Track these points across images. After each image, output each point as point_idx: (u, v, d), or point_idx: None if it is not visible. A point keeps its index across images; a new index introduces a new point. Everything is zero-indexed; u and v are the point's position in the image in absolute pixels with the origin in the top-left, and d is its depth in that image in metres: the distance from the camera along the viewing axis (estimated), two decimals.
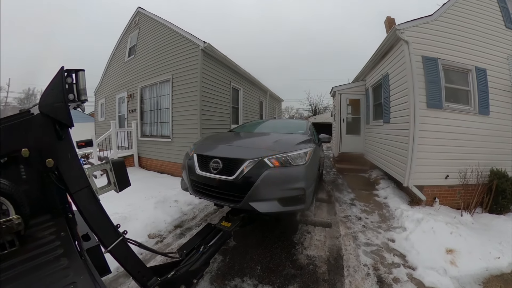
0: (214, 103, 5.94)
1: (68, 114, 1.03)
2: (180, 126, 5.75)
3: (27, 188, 0.96)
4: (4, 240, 0.82)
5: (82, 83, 1.08)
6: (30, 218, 0.92)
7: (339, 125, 7.57)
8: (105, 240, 1.11)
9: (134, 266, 1.21)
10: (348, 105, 7.66)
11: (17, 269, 0.78)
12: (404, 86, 4.02)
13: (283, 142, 2.65)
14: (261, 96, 10.47)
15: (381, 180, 5.23)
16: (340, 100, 7.59)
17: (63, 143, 1.03)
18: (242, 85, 7.78)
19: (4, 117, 0.94)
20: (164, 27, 6.25)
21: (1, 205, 0.84)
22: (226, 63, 6.45)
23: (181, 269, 1.49)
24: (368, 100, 6.64)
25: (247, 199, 2.11)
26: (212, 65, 5.76)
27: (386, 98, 4.97)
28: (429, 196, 3.88)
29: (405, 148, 3.89)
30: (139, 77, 7.03)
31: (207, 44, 5.21)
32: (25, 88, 33.03)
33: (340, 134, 7.58)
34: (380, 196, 4.40)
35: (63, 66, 1.03)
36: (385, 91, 5.01)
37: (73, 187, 1.04)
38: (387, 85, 4.93)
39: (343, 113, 7.55)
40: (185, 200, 3.84)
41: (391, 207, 3.76)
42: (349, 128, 7.54)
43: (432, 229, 2.76)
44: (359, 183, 5.46)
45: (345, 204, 4.03)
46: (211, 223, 2.27)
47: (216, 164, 2.32)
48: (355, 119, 7.53)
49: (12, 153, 0.92)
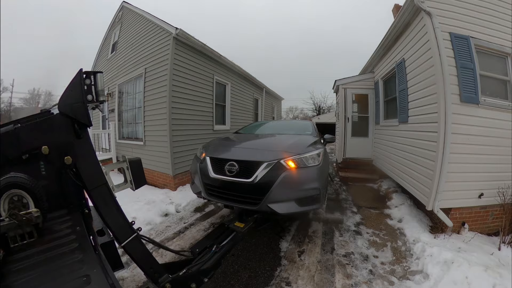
0: (191, 99, 5.07)
1: (87, 114, 1.07)
2: (151, 128, 5.02)
3: (46, 183, 1.01)
4: (24, 231, 0.87)
5: (101, 85, 1.13)
6: (48, 211, 0.97)
7: (343, 126, 6.41)
8: (120, 236, 1.14)
9: (147, 262, 1.23)
10: (354, 102, 6.49)
11: (35, 259, 0.83)
12: (429, 72, 3.07)
13: (296, 144, 2.71)
14: (255, 93, 9.27)
15: (394, 194, 4.23)
16: (344, 95, 6.36)
17: (81, 141, 1.08)
18: (229, 79, 6.77)
19: (25, 116, 1.01)
20: (140, 17, 5.62)
21: (21, 199, 0.89)
22: (207, 53, 5.51)
23: (192, 268, 1.49)
24: (378, 95, 5.56)
25: (265, 201, 2.16)
26: (188, 56, 4.92)
27: (402, 91, 3.99)
28: (456, 221, 2.94)
29: (432, 157, 2.91)
30: (118, 74, 6.37)
31: (179, 31, 4.38)
32: (30, 88, 34.35)
33: (344, 136, 6.39)
34: (393, 218, 3.49)
35: (81, 68, 1.09)
36: (401, 82, 4.04)
37: (90, 184, 1.08)
38: (403, 74, 3.95)
39: (348, 111, 6.38)
40: (144, 218, 3.23)
41: (408, 237, 2.88)
42: (355, 129, 6.37)
43: (467, 280, 1.96)
44: (366, 197, 4.48)
45: (348, 232, 3.04)
46: (224, 223, 2.29)
47: (232, 167, 2.35)
48: (362, 119, 6.36)
49: (33, 150, 0.97)
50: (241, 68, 7.36)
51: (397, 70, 4.20)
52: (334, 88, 7.40)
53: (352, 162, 6.24)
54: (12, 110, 27.96)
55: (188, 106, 5.02)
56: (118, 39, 6.67)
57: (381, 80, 5.36)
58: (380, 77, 5.42)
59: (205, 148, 2.96)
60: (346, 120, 6.41)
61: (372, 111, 6.07)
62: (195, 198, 3.88)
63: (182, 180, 4.82)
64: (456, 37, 2.96)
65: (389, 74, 4.82)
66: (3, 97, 28.47)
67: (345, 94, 6.40)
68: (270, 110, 12.04)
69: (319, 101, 34.55)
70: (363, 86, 6.21)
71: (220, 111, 6.52)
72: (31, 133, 0.98)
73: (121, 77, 6.23)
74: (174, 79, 4.57)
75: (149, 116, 5.07)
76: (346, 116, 6.41)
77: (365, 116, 6.27)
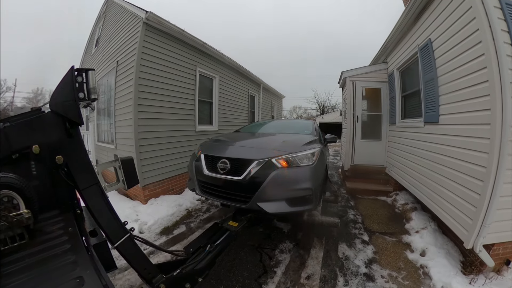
0: (166, 95, 4.21)
1: (78, 112, 1.05)
2: (121, 129, 4.27)
3: (37, 183, 0.99)
4: (14, 233, 0.86)
5: (92, 82, 1.10)
6: (39, 212, 0.96)
7: (351, 126, 5.52)
8: (112, 237, 1.14)
9: (140, 262, 1.23)
10: (364, 98, 5.63)
11: (26, 262, 0.82)
12: (475, 52, 2.19)
13: (290, 143, 2.67)
14: (251, 89, 8.33)
15: (413, 214, 3.40)
16: (353, 90, 5.44)
17: (72, 140, 1.06)
18: (218, 72, 5.90)
19: (15, 114, 0.98)
20: (115, 5, 5.02)
21: (12, 200, 0.88)
22: (187, 41, 4.64)
23: (186, 267, 1.49)
24: (393, 89, 4.67)
25: (255, 199, 2.14)
26: (163, 44, 4.16)
27: (429, 82, 3.09)
28: (498, 258, 2.24)
29: (479, 175, 2.08)
30: (98, 70, 5.76)
31: (149, 14, 3.72)
32: (34, 88, 33.59)
33: (353, 138, 5.50)
34: (414, 249, 2.69)
35: (73, 66, 1.06)
36: (427, 70, 3.15)
37: (81, 183, 1.07)
38: (429, 60, 3.07)
39: (357, 108, 5.45)
40: None
41: (434, 280, 2.16)
42: (365, 130, 5.49)
43: None
44: (379, 216, 3.65)
45: (356, 277, 2.24)
46: (218, 222, 2.29)
47: (223, 165, 2.35)
48: (373, 118, 5.46)
49: (23, 150, 0.95)
50: (232, 60, 6.37)
51: (421, 55, 3.36)
52: (340, 81, 6.45)
53: (362, 170, 5.32)
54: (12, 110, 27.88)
55: (162, 103, 4.16)
56: (101, 33, 6.15)
57: (397, 71, 4.45)
58: (395, 67, 4.47)
59: (202, 146, 2.99)
60: (354, 119, 5.51)
61: (385, 108, 5.14)
62: (165, 215, 3.46)
63: (155, 192, 4.05)
64: (508, 4, 2.10)
65: (408, 63, 3.96)
66: (6, 96, 28.96)
67: (353, 88, 5.47)
68: (269, 109, 11.02)
69: (323, 100, 34.41)
70: (375, 79, 5.26)
71: (206, 109, 5.59)
72: (21, 132, 0.96)
73: (100, 73, 5.61)
74: (142, 70, 3.78)
75: (119, 115, 4.32)
76: (354, 115, 5.50)
77: (377, 115, 5.36)
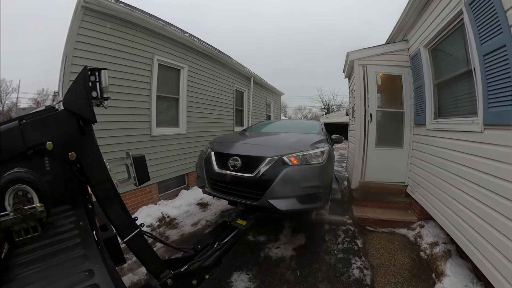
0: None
1: (91, 110, 1.08)
2: None
3: (50, 179, 1.01)
4: (28, 226, 0.88)
5: (105, 81, 1.14)
6: (52, 206, 0.98)
7: (362, 128, 3.98)
8: (123, 232, 1.16)
9: (149, 258, 1.25)
10: (378, 89, 4.06)
11: (39, 253, 0.84)
12: None
13: (301, 141, 2.70)
14: (239, 83, 7.10)
15: (448, 264, 2.17)
16: (364, 77, 3.96)
17: (86, 138, 1.09)
18: (187, 61, 4.80)
19: (30, 112, 1.02)
20: None
21: (26, 193, 0.90)
22: (138, 23, 3.73)
23: (194, 264, 1.51)
24: (420, 75, 3.30)
25: (266, 196, 2.15)
26: (108, 30, 3.41)
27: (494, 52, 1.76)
28: None
29: None
30: None
31: None
32: (39, 89, 34.14)
33: (364, 144, 3.96)
34: None
35: (86, 65, 1.10)
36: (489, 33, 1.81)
37: (94, 179, 1.09)
38: (492, 14, 1.76)
39: (370, 103, 3.92)
40: None
41: None
42: (381, 134, 3.98)
43: None
44: (398, 268, 2.34)
45: None
46: (226, 220, 2.29)
47: (235, 162, 2.37)
48: (391, 116, 4.01)
49: (37, 146, 0.98)
50: (208, 47, 5.20)
51: (472, 12, 2.00)
52: (346, 68, 4.97)
53: (375, 189, 3.86)
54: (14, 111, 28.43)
55: None
56: None
57: (425, 50, 3.16)
58: (422, 45, 3.16)
59: (211, 143, 3.03)
60: (366, 118, 3.95)
61: (409, 103, 3.76)
62: None
63: None
64: None
65: (443, 34, 2.68)
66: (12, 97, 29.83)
67: (364, 74, 3.97)
68: (263, 107, 9.44)
69: (328, 99, 34.05)
70: (393, 62, 3.88)
71: (169, 108, 4.55)
72: (35, 129, 0.99)
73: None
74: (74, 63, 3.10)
75: None
76: (366, 112, 3.95)
77: (396, 112, 3.92)
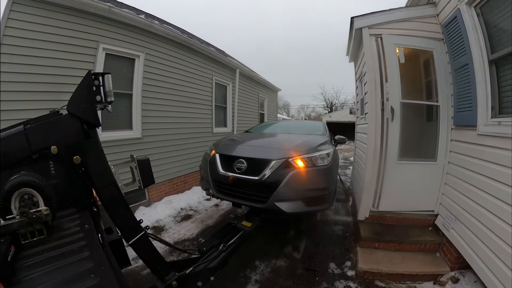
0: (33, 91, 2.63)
1: (95, 115, 1.09)
2: None
3: (55, 182, 1.02)
4: (34, 229, 0.89)
5: (109, 86, 1.15)
6: (57, 210, 0.99)
7: (378, 129, 2.56)
8: (127, 234, 1.16)
9: (154, 260, 1.25)
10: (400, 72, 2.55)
11: (44, 255, 0.85)
12: None
13: (305, 143, 2.68)
14: (219, 75, 5.87)
15: None
16: (379, 52, 2.57)
17: (90, 141, 1.10)
18: (144, 48, 3.83)
19: (35, 117, 1.04)
20: None
21: (32, 197, 0.91)
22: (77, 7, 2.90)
23: (199, 266, 1.50)
24: (464, 50, 2.05)
25: (272, 199, 2.14)
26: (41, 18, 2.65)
27: None
28: None
29: None
30: None
31: None
32: None
33: (381, 155, 2.57)
34: None
35: (90, 70, 1.12)
36: None
37: (98, 183, 1.10)
38: None
39: (391, 91, 2.54)
40: None
41: None
42: (407, 141, 2.64)
43: None
44: None
45: None
46: (231, 222, 2.29)
47: (240, 164, 2.35)
48: (418, 112, 2.86)
49: (42, 150, 0.99)
50: (172, 30, 4.26)
51: None
52: (351, 45, 3.36)
53: (392, 222, 2.66)
54: None
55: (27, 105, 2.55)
56: None
57: (469, 8, 1.98)
58: (463, 2, 2.00)
59: (215, 145, 3.01)
60: (384, 115, 2.57)
61: (444, 93, 2.46)
62: None
63: None
64: None
65: None
66: None
67: (379, 48, 2.58)
68: (254, 104, 7.85)
69: (331, 97, 33.26)
70: (418, 32, 2.52)
71: (119, 106, 3.62)
72: (40, 133, 1.00)
73: None
74: None
75: None
76: (385, 106, 2.57)
77: (425, 105, 2.80)
